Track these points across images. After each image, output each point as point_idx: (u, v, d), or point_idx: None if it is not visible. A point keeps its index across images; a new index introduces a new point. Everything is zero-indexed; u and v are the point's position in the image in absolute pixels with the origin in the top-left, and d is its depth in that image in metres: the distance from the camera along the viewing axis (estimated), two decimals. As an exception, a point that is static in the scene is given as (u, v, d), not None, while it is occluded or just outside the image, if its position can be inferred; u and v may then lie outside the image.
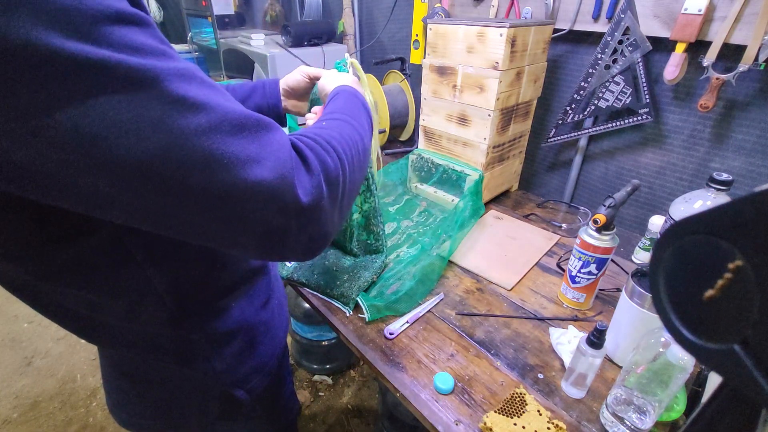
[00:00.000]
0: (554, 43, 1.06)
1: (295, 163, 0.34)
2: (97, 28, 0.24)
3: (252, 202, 0.30)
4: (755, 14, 0.75)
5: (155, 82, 0.26)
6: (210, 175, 0.28)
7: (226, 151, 0.29)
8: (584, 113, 1.05)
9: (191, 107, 0.28)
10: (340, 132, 0.42)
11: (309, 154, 0.36)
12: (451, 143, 1.08)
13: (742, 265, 0.20)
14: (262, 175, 0.30)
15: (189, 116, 0.27)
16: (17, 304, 1.95)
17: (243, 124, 0.30)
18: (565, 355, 0.67)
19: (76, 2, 0.24)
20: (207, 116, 0.28)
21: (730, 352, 0.21)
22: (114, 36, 0.25)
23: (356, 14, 1.66)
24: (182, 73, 0.28)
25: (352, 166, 0.41)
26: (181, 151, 0.27)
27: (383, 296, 0.80)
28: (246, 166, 0.30)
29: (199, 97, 0.28)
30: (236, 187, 0.29)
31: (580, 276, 0.75)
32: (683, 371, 0.50)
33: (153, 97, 0.26)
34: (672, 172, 0.99)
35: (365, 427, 1.44)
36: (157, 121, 0.26)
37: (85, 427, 1.44)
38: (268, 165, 0.31)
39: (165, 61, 0.28)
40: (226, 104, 0.30)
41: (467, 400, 0.61)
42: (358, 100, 0.54)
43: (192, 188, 0.28)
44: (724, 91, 0.85)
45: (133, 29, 0.27)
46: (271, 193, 0.31)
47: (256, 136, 0.31)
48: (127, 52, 0.25)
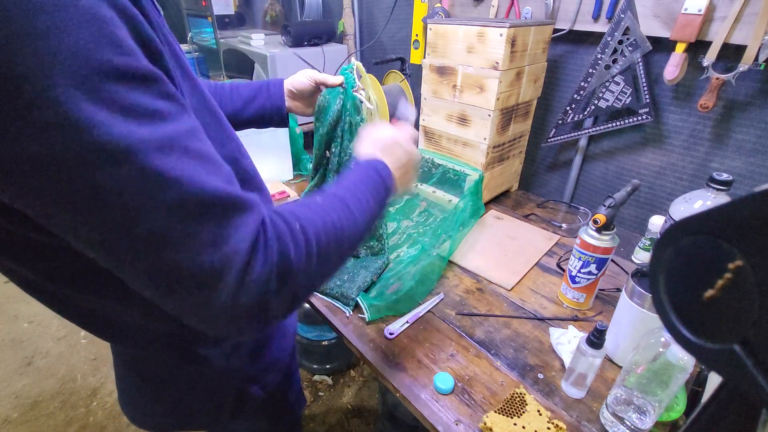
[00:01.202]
0: (554, 43, 1.06)
1: (254, 250, 0.32)
2: (94, 82, 0.24)
3: (186, 283, 0.30)
4: (755, 14, 0.75)
5: (134, 154, 0.26)
6: (156, 250, 0.28)
7: (181, 231, 0.29)
8: (584, 113, 1.05)
9: (164, 182, 0.27)
10: (328, 219, 0.40)
11: (273, 244, 0.34)
12: (451, 143, 1.08)
13: (742, 265, 0.20)
14: (208, 260, 0.30)
15: (157, 191, 0.27)
16: (17, 304, 1.95)
17: (212, 205, 0.30)
18: (565, 355, 0.67)
19: (84, 51, 0.24)
20: (178, 193, 0.28)
21: (730, 352, 0.21)
22: (109, 94, 0.25)
23: (356, 14, 1.66)
24: (168, 144, 0.28)
25: (324, 257, 0.38)
26: (140, 223, 0.27)
27: (383, 296, 0.80)
28: (195, 249, 0.29)
29: (174, 172, 0.28)
30: (177, 267, 0.29)
31: (580, 276, 0.75)
32: (683, 371, 0.50)
33: (128, 167, 0.26)
34: (672, 172, 0.99)
35: (365, 427, 1.44)
36: (126, 190, 0.26)
37: (85, 427, 1.44)
38: (220, 251, 0.30)
39: (156, 126, 0.27)
40: (202, 180, 0.29)
41: (467, 400, 0.61)
42: (379, 177, 0.49)
43: (136, 254, 0.28)
44: (724, 91, 0.85)
45: (132, 88, 0.26)
46: (206, 279, 0.30)
47: (222, 219, 0.30)
48: (117, 115, 0.25)
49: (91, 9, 0.24)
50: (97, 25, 0.24)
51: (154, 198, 0.27)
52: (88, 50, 0.24)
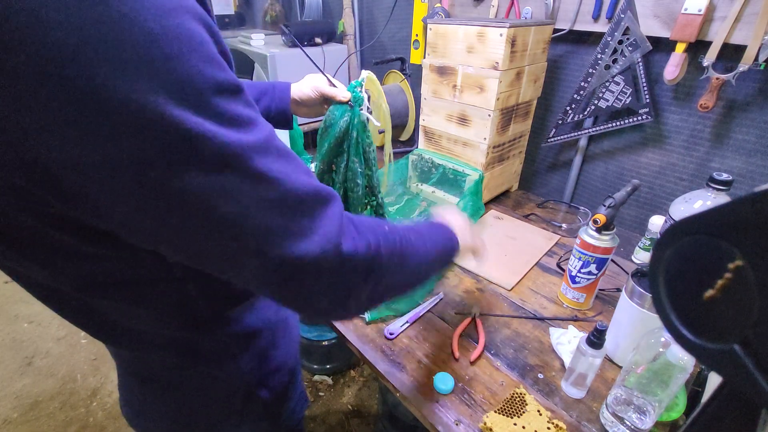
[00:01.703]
0: (554, 43, 1.06)
1: (342, 236, 0.35)
2: (204, 99, 0.26)
3: (290, 271, 0.33)
4: (755, 14, 0.75)
5: (240, 159, 0.28)
6: (263, 244, 0.31)
7: (282, 225, 0.31)
8: (584, 113, 1.05)
9: (265, 182, 0.30)
10: (406, 236, 0.43)
11: (362, 228, 0.37)
12: (451, 143, 1.08)
13: (742, 265, 0.20)
14: (308, 249, 0.32)
15: (261, 190, 0.30)
16: (17, 304, 1.95)
17: (304, 200, 0.33)
18: (565, 355, 0.67)
19: (192, 73, 0.25)
20: (276, 191, 0.31)
21: (730, 352, 0.21)
22: (217, 108, 0.27)
23: (356, 14, 1.66)
24: (264, 147, 0.30)
25: (401, 258, 0.41)
26: (247, 220, 0.30)
27: (383, 296, 0.79)
28: (295, 240, 0.32)
29: (273, 172, 0.30)
30: (283, 258, 0.32)
31: (580, 276, 0.75)
32: (683, 371, 0.50)
33: (235, 172, 0.28)
34: (672, 172, 0.99)
35: (365, 427, 1.44)
36: (235, 193, 0.28)
37: (85, 427, 1.44)
38: (315, 240, 0.33)
39: (251, 132, 0.29)
40: (294, 177, 0.32)
41: (467, 400, 0.61)
42: (449, 240, 0.54)
43: (244, 251, 0.31)
44: (724, 91, 0.85)
45: (230, 99, 0.28)
46: (307, 266, 0.33)
47: (313, 211, 0.33)
48: (224, 125, 0.27)
49: (196, 33, 0.26)
50: (202, 47, 0.26)
51: (261, 197, 0.30)
52: (198, 72, 0.26)
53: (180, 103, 0.25)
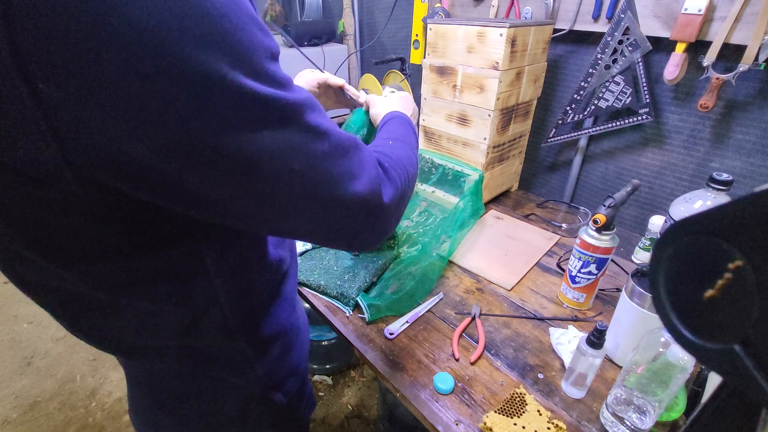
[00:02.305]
0: (554, 43, 1.06)
1: (381, 177, 0.41)
2: (263, 66, 0.28)
3: (350, 210, 0.37)
4: (755, 14, 0.75)
5: (297, 115, 0.31)
6: (328, 189, 0.34)
7: (338, 170, 0.35)
8: (584, 113, 1.05)
9: (319, 135, 0.33)
10: (404, 152, 0.50)
11: (390, 171, 0.44)
12: (451, 143, 1.08)
13: (742, 265, 0.20)
14: (359, 188, 0.37)
15: (318, 143, 0.33)
16: (17, 304, 1.95)
17: (346, 147, 0.36)
18: (565, 355, 0.67)
19: (254, 43, 0.27)
20: (328, 142, 0.34)
21: (730, 352, 0.21)
22: (271, 73, 0.29)
23: (356, 14, 1.66)
24: (310, 104, 0.33)
25: (410, 180, 0.49)
26: (313, 171, 0.33)
27: (383, 296, 0.80)
28: (349, 182, 0.36)
29: (322, 125, 0.33)
30: (342, 199, 0.36)
31: (580, 276, 0.75)
32: (683, 371, 0.50)
33: (296, 128, 0.31)
34: (672, 172, 0.99)
35: (365, 427, 1.44)
36: (299, 148, 0.31)
37: (85, 428, 1.44)
38: (364, 180, 0.37)
39: (296, 92, 0.32)
40: (335, 129, 0.36)
41: (467, 400, 0.61)
42: (409, 124, 0.60)
43: (315, 200, 0.34)
44: (724, 91, 0.85)
45: (277, 65, 0.31)
46: (364, 203, 0.38)
47: (354, 156, 0.37)
48: (279, 88, 0.29)
49: (246, 4, 0.28)
50: (254, 18, 0.28)
51: (318, 148, 0.33)
52: (259, 40, 0.28)
53: (247, 70, 0.27)
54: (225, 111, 0.26)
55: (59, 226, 0.30)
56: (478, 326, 0.73)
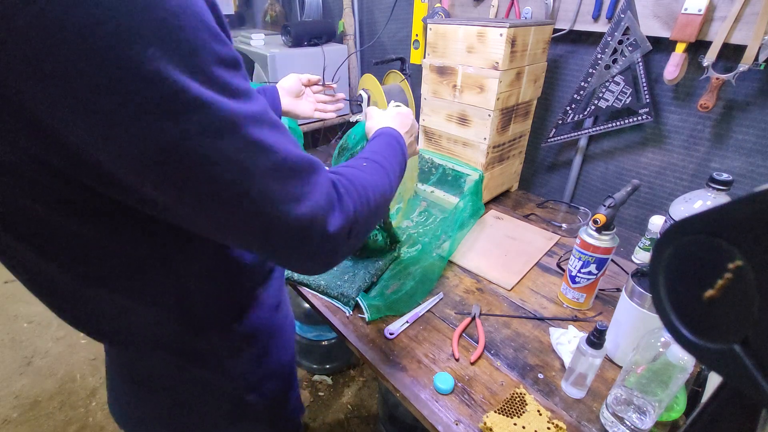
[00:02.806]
0: (554, 43, 1.06)
1: (331, 204, 0.39)
2: (206, 69, 0.29)
3: (284, 233, 0.36)
4: (755, 14, 0.75)
5: (239, 126, 0.31)
6: (261, 207, 0.33)
7: (278, 190, 0.34)
8: (584, 113, 1.05)
9: (262, 150, 0.32)
10: (374, 177, 0.48)
11: (345, 198, 0.41)
12: (451, 143, 1.08)
13: (742, 265, 0.20)
14: (299, 213, 0.35)
15: (258, 158, 0.32)
16: (17, 304, 1.95)
17: (297, 167, 0.35)
18: (565, 355, 0.67)
19: (198, 45, 0.28)
20: (272, 159, 0.33)
21: (730, 352, 0.21)
22: (217, 78, 0.29)
23: (356, 14, 1.66)
24: (259, 117, 0.33)
25: (372, 211, 0.46)
26: (247, 185, 0.32)
27: (383, 296, 0.80)
28: (288, 204, 0.35)
29: (269, 141, 0.33)
30: (277, 219, 0.35)
31: (580, 276, 0.75)
32: (683, 371, 0.50)
33: (234, 138, 0.31)
34: (672, 172, 0.99)
35: (365, 427, 1.44)
36: (235, 158, 0.31)
37: (85, 427, 1.44)
38: (307, 205, 0.36)
39: (249, 103, 0.32)
40: (287, 147, 0.35)
41: (467, 400, 0.61)
42: (397, 144, 0.59)
43: (247, 215, 0.34)
44: (724, 91, 0.85)
45: (231, 71, 0.31)
46: (301, 229, 0.36)
47: (304, 178, 0.36)
48: (224, 94, 0.30)
49: (203, 10, 0.29)
50: (205, 23, 0.28)
51: (257, 163, 0.32)
52: (205, 45, 0.28)
53: (190, 73, 0.27)
54: (152, 102, 0.27)
55: (25, 208, 0.33)
56: (478, 326, 0.73)
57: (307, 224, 0.36)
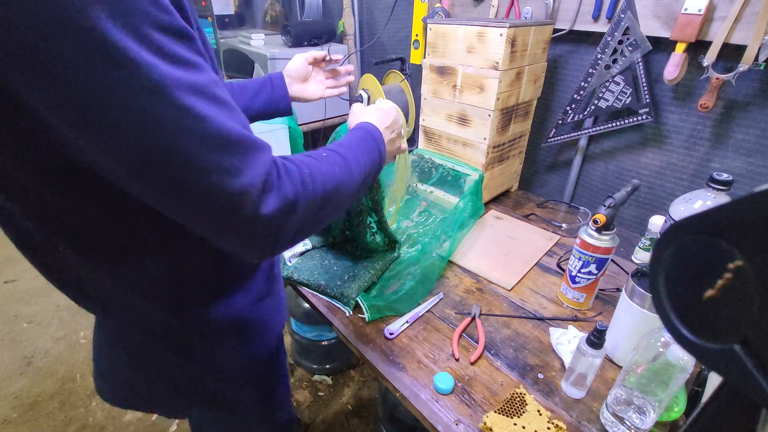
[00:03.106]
0: (554, 43, 1.06)
1: (267, 184, 0.38)
2: (148, 31, 0.30)
3: (210, 204, 0.35)
4: (755, 14, 0.75)
5: (171, 90, 0.31)
6: (189, 174, 0.34)
7: (208, 159, 0.34)
8: (584, 113, 1.05)
9: (194, 117, 0.33)
10: (330, 168, 0.47)
11: (285, 181, 0.40)
12: (451, 143, 1.08)
13: (742, 265, 0.20)
14: (232, 186, 0.35)
15: (189, 124, 0.33)
16: (17, 304, 1.95)
17: (233, 142, 0.35)
18: (565, 355, 0.67)
19: (140, 6, 0.29)
20: (204, 128, 0.33)
21: (730, 352, 0.21)
22: (158, 42, 0.31)
23: (356, 14, 1.66)
24: (199, 88, 0.33)
25: (321, 200, 0.45)
26: (173, 149, 0.32)
27: (383, 296, 0.80)
28: (220, 176, 0.35)
29: (203, 111, 0.33)
30: (207, 190, 0.35)
31: (580, 276, 0.75)
32: (683, 371, 0.50)
33: (165, 101, 0.31)
34: (672, 172, 0.99)
35: (365, 427, 1.44)
36: (162, 121, 0.31)
37: (85, 427, 1.44)
38: (241, 180, 0.36)
39: (189, 72, 0.33)
40: (226, 122, 0.35)
41: (467, 400, 0.61)
42: (371, 138, 0.58)
43: (173, 178, 0.34)
44: (724, 91, 0.85)
45: (173, 40, 0.32)
46: (232, 203, 0.36)
47: (240, 154, 0.36)
48: (161, 58, 0.31)
49: None
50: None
51: (185, 129, 0.33)
52: (144, 8, 0.30)
53: (127, 31, 0.29)
54: (86, 53, 0.28)
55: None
56: (478, 326, 0.73)
57: (237, 199, 0.36)
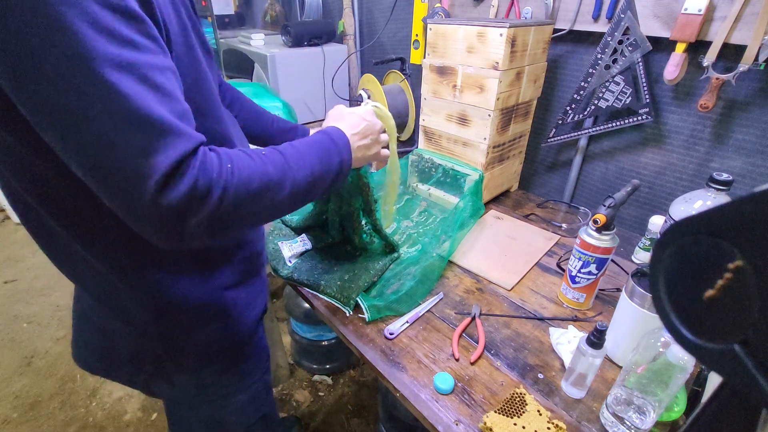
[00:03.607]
0: (554, 43, 1.06)
1: (179, 171, 0.37)
2: (91, 6, 0.32)
3: (119, 181, 0.36)
4: (755, 14, 0.75)
5: (97, 64, 0.33)
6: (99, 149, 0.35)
7: (120, 136, 0.35)
8: (584, 113, 1.05)
9: (114, 93, 0.34)
10: (264, 167, 0.45)
11: (201, 172, 0.39)
12: (451, 143, 1.08)
13: (742, 265, 0.20)
14: (138, 166, 0.35)
15: (106, 99, 0.33)
16: (17, 304, 1.95)
17: (151, 124, 0.36)
18: (565, 355, 0.67)
19: None
20: (123, 105, 0.34)
21: (730, 352, 0.21)
22: (100, 18, 0.32)
23: (356, 14, 1.66)
24: (130, 68, 0.34)
25: (247, 201, 0.43)
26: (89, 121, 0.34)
27: (383, 296, 0.79)
28: (128, 154, 0.35)
29: (125, 89, 0.34)
30: (113, 166, 0.35)
31: (580, 276, 0.75)
32: (683, 371, 0.50)
33: (89, 72, 0.33)
34: (672, 172, 0.99)
35: (365, 427, 1.44)
36: (82, 91, 0.33)
37: (85, 427, 1.44)
38: (149, 161, 0.36)
39: (127, 51, 0.34)
40: (151, 105, 0.35)
41: (467, 400, 0.61)
42: (330, 142, 0.56)
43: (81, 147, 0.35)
44: (724, 91, 0.85)
45: (119, 19, 0.34)
46: (135, 181, 0.36)
47: (157, 138, 0.36)
48: (98, 33, 0.32)
49: None
50: None
51: (102, 103, 0.34)
52: None
53: (69, 5, 0.31)
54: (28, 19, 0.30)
55: None
56: (478, 326, 0.73)
57: (140, 181, 0.36)
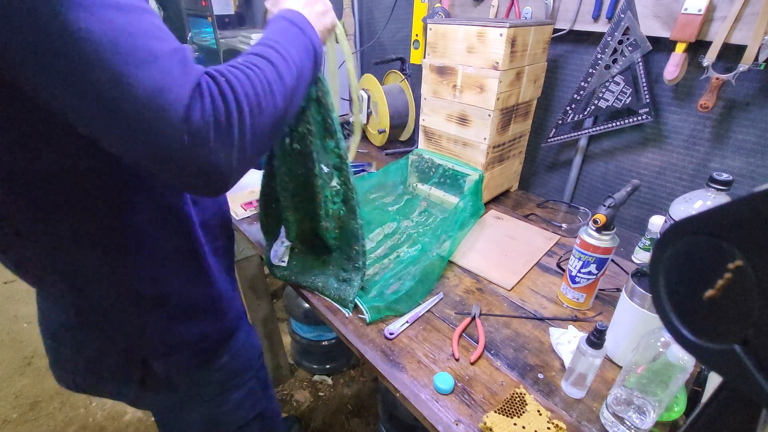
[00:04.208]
0: (554, 43, 1.06)
1: (191, 101, 0.37)
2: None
3: (142, 124, 0.35)
4: (755, 14, 0.75)
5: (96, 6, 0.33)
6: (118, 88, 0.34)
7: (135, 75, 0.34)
8: (584, 113, 1.05)
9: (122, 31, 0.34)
10: (263, 74, 0.44)
11: (214, 97, 0.39)
12: (451, 143, 1.08)
13: (742, 265, 0.20)
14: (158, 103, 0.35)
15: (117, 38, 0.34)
16: (17, 304, 1.94)
17: (157, 59, 0.36)
18: (565, 355, 0.67)
19: None
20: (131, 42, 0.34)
21: (730, 352, 0.21)
22: None
23: (356, 14, 1.66)
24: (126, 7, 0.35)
25: (258, 112, 0.42)
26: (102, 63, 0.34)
27: (383, 296, 0.79)
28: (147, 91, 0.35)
29: (131, 27, 0.35)
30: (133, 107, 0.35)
31: (580, 276, 0.75)
32: (683, 371, 0.50)
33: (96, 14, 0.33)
34: (672, 172, 0.99)
35: (365, 427, 1.44)
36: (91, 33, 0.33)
37: (85, 428, 1.44)
38: (163, 98, 0.35)
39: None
40: (150, 41, 0.36)
41: (467, 400, 0.61)
42: (294, 26, 0.53)
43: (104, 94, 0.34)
44: (724, 91, 0.85)
45: None
46: (158, 120, 0.35)
47: (165, 72, 0.36)
48: None
49: None
50: None
51: (115, 42, 0.34)
52: None
53: None
54: None
55: None
56: (478, 326, 0.73)
57: (162, 112, 0.35)
